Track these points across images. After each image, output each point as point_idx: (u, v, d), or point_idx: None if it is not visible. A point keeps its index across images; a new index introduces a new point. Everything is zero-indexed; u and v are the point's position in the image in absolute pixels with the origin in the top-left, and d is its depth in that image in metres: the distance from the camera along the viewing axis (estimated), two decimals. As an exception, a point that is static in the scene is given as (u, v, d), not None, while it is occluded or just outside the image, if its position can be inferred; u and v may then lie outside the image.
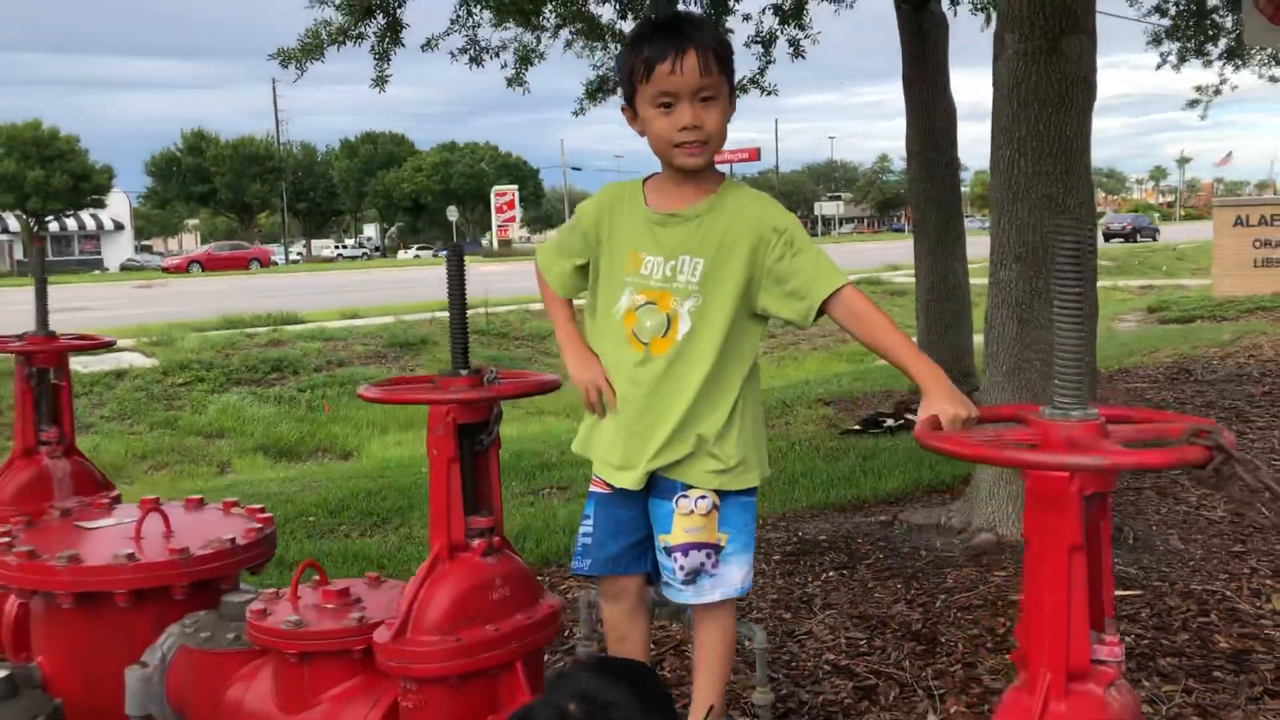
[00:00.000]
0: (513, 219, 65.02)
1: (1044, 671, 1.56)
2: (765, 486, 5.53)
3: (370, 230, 77.04)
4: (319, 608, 2.13)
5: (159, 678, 2.39)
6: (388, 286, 28.61)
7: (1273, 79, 11.65)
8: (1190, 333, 12.56)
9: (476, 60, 8.37)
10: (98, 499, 2.87)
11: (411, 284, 29.63)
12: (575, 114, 10.29)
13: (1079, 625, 1.56)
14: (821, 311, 2.10)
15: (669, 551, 2.19)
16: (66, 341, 2.93)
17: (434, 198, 67.51)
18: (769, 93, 9.64)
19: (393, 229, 73.53)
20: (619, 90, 2.27)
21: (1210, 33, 11.12)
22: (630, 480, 2.19)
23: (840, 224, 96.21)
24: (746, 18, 9.91)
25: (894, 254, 39.25)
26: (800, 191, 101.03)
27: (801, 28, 9.52)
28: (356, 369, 14.48)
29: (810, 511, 5.16)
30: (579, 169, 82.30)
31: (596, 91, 10.12)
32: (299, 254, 68.86)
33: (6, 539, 2.49)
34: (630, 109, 2.20)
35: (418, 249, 67.15)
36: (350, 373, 14.22)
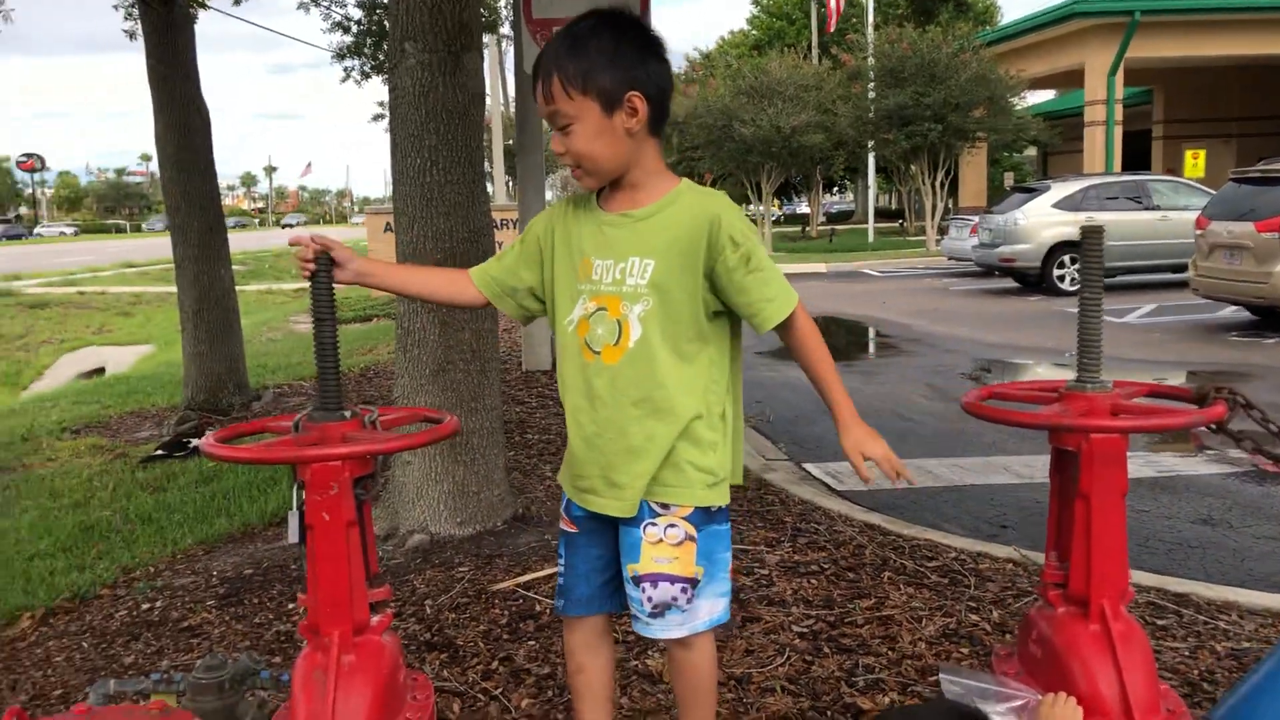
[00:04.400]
0: None
1: (335, 631, 1.75)
2: (130, 533, 4.87)
3: None
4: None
5: None
6: None
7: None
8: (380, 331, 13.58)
9: None
10: None
11: None
12: None
13: (359, 587, 1.79)
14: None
15: (637, 581, 2.00)
16: None
17: None
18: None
19: None
20: None
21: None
22: (604, 506, 2.01)
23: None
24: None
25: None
26: None
27: (-7, 1, 8.27)
28: None
29: (203, 549, 4.65)
30: None
31: None
32: None
33: None
34: None
35: None
36: None
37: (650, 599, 2.02)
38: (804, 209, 51.63)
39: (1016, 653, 1.91)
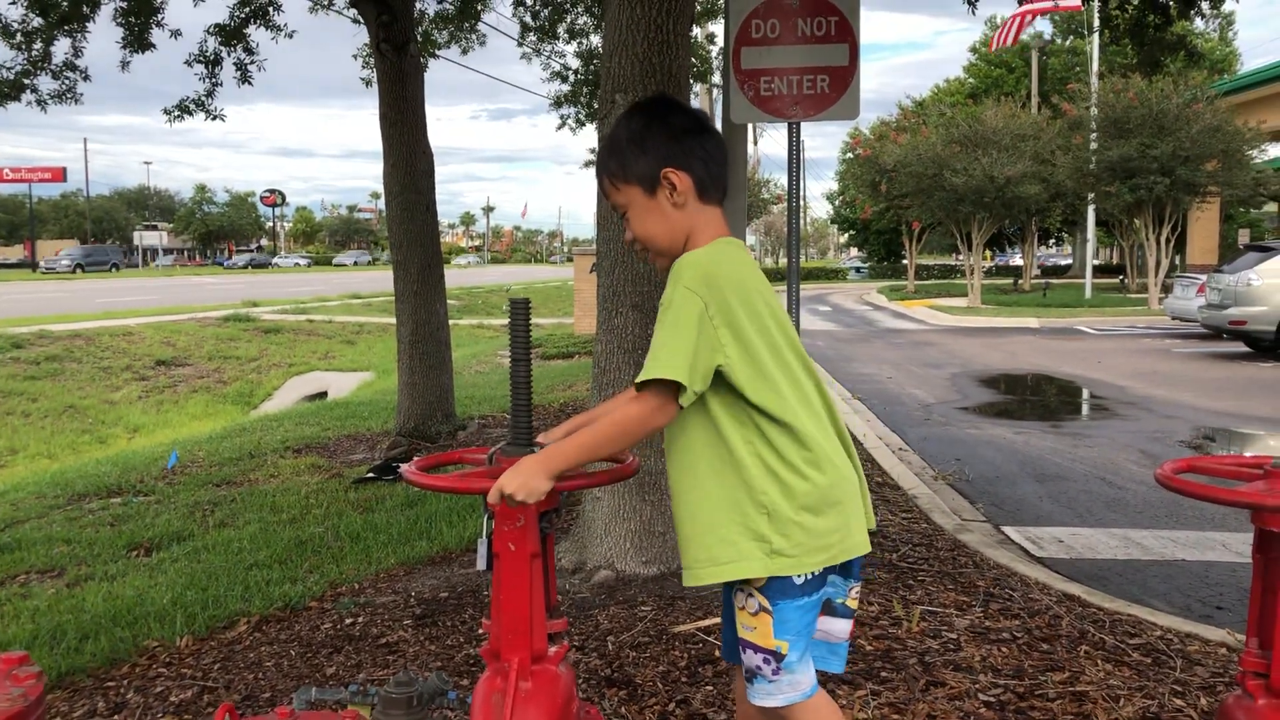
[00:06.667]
0: None
1: (514, 658, 1.85)
2: (339, 550, 5.16)
3: None
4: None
5: None
6: None
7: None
8: (581, 367, 13.93)
9: None
10: None
11: None
12: None
13: (539, 616, 1.88)
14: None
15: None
16: None
17: None
18: (216, 117, 8.93)
19: None
20: None
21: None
22: None
23: (161, 255, 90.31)
24: (176, 34, 9.13)
25: (239, 289, 37.96)
26: (112, 219, 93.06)
27: (249, 51, 9.01)
28: None
29: (404, 569, 4.89)
30: None
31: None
32: None
33: None
34: None
35: None
36: None
37: (744, 663, 2.02)
38: (1017, 261, 49.92)
39: (1211, 744, 1.80)
